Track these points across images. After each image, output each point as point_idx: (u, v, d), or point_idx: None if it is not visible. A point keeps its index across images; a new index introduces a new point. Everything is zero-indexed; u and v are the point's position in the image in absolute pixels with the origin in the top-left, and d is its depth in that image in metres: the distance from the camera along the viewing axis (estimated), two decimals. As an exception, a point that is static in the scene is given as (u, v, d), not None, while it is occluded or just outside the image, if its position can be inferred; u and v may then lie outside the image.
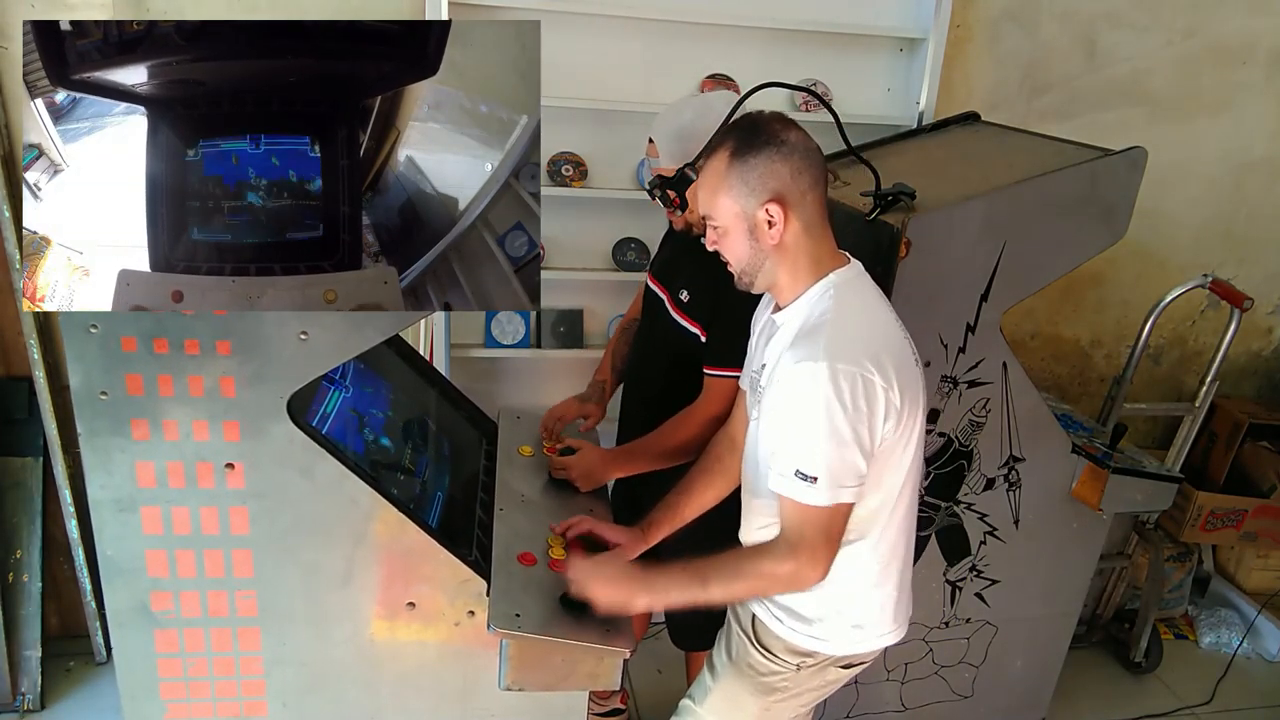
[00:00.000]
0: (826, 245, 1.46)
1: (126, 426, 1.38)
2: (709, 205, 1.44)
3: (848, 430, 1.34)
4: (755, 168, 1.38)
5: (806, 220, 1.41)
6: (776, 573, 1.42)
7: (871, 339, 1.41)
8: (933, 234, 1.89)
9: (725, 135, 1.42)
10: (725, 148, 1.40)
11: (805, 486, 1.36)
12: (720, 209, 1.42)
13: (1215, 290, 2.44)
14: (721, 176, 1.40)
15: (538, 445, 1.97)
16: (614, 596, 1.45)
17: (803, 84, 2.62)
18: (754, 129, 1.40)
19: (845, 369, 1.33)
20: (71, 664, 2.66)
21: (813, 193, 1.41)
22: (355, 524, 1.49)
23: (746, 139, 1.39)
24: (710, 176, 1.42)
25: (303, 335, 1.38)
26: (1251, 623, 3.19)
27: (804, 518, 1.39)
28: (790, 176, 1.38)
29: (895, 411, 1.38)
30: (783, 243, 1.41)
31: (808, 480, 1.35)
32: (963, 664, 2.43)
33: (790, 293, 1.46)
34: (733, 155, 1.39)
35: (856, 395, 1.33)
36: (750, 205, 1.39)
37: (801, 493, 1.36)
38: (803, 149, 1.40)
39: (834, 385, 1.32)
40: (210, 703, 1.56)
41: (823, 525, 1.39)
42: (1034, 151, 2.21)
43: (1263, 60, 3.04)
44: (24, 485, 2.50)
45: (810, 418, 1.34)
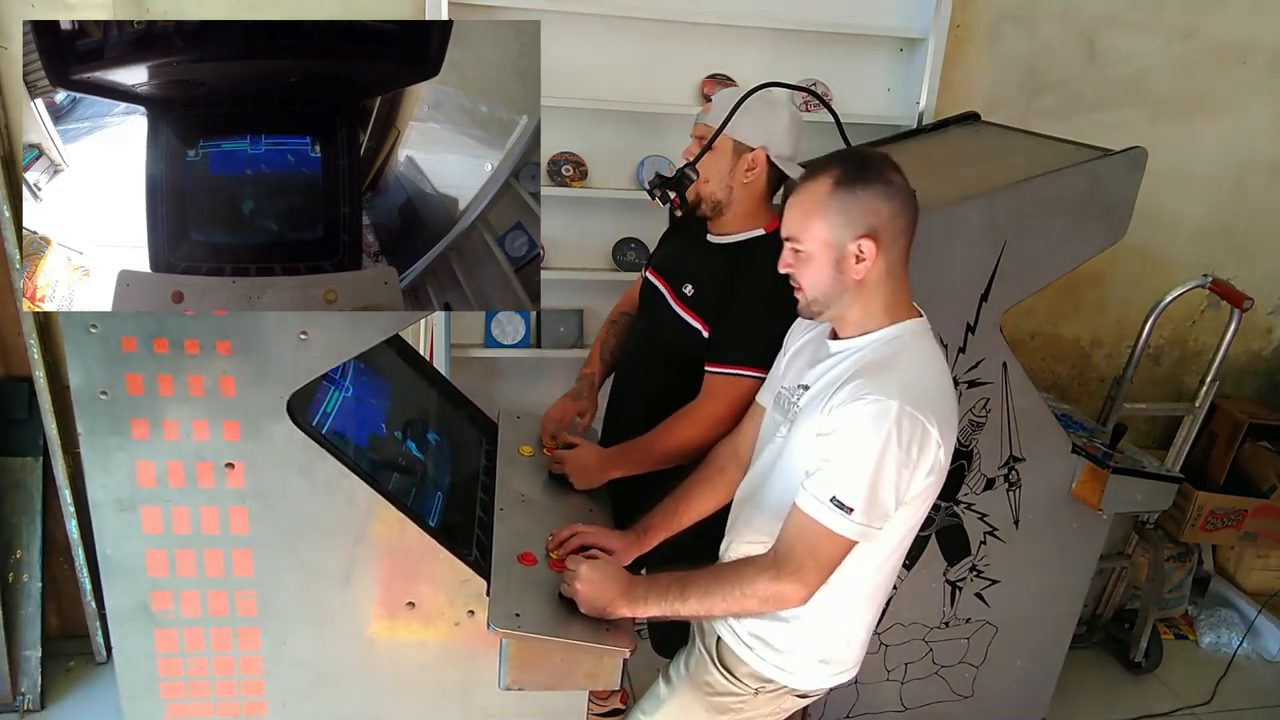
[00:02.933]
0: (903, 293, 1.46)
1: (126, 426, 1.38)
2: (799, 228, 1.42)
3: (894, 473, 1.34)
4: (860, 201, 1.37)
5: (891, 263, 1.41)
6: (765, 590, 1.40)
7: (936, 393, 1.41)
8: (933, 234, 1.89)
9: (831, 163, 1.41)
10: (831, 174, 1.39)
11: (837, 515, 1.34)
12: (811, 233, 1.40)
13: (1215, 290, 2.44)
14: (822, 202, 1.39)
15: (538, 445, 1.97)
16: (596, 599, 1.45)
17: (803, 84, 2.62)
18: (865, 163, 1.40)
19: (912, 413, 1.33)
20: (71, 664, 2.66)
21: (904, 239, 1.41)
22: (355, 524, 1.49)
23: (856, 171, 1.39)
24: (808, 200, 1.40)
25: (303, 335, 1.38)
26: (1251, 623, 3.19)
27: (817, 542, 1.37)
28: (889, 217, 1.38)
29: (939, 470, 1.39)
30: (865, 280, 1.41)
31: (842, 509, 1.34)
32: (963, 664, 2.43)
33: (857, 327, 1.46)
34: (838, 184, 1.38)
35: (913, 442, 1.34)
36: (844, 236, 1.38)
37: (830, 519, 1.35)
38: (905, 194, 1.41)
39: (898, 426, 1.32)
40: (210, 702, 1.56)
41: (828, 554, 1.38)
42: (1034, 151, 2.21)
43: (1263, 60, 3.04)
44: (24, 485, 2.50)
45: (865, 450, 1.33)
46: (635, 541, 1.67)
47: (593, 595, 1.45)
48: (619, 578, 1.49)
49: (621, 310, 2.22)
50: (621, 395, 2.14)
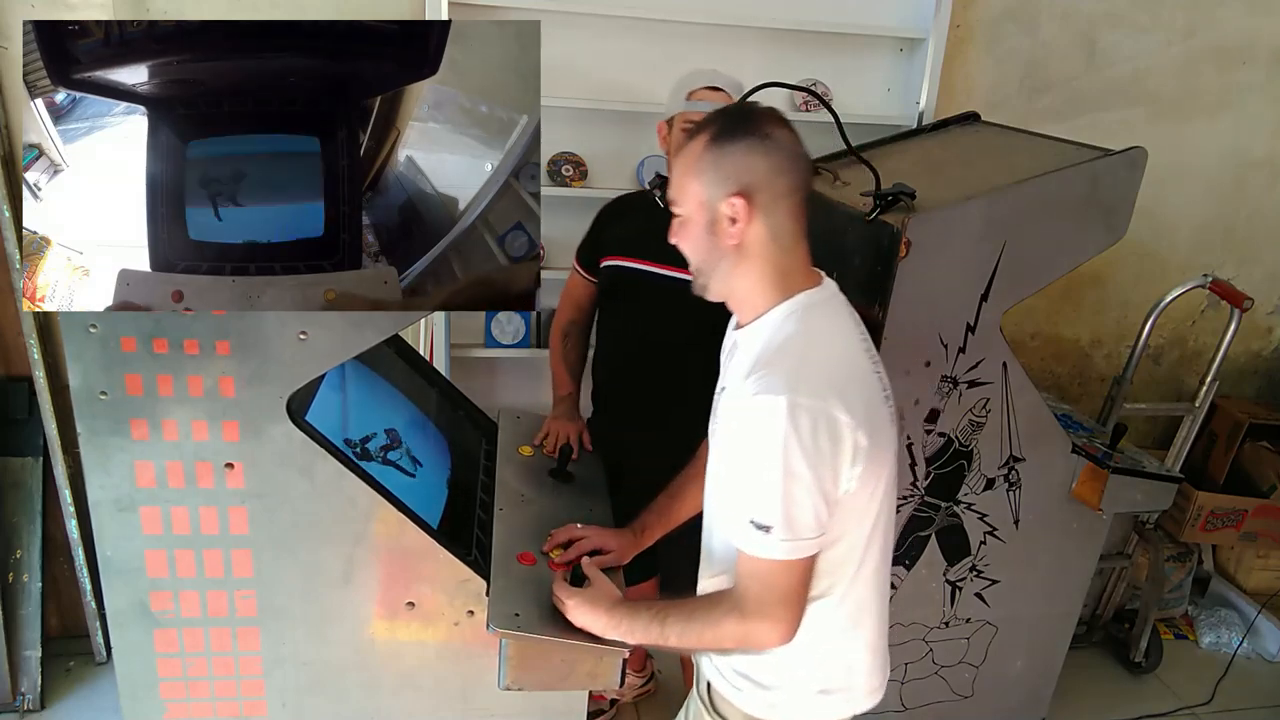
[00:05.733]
0: (798, 260, 1.31)
1: (126, 426, 1.38)
2: (677, 189, 1.30)
3: (808, 473, 1.18)
4: (730, 155, 1.24)
5: (776, 227, 1.26)
6: (735, 631, 1.27)
7: (838, 371, 1.26)
8: (933, 234, 1.89)
9: (710, 119, 1.29)
10: (707, 131, 1.27)
11: (760, 537, 1.21)
12: (686, 194, 1.28)
13: (1215, 290, 2.44)
14: (695, 159, 1.27)
15: (537, 445, 1.96)
16: (584, 624, 1.40)
17: (803, 84, 2.62)
18: (741, 117, 1.29)
19: (808, 404, 1.18)
20: (71, 664, 2.66)
21: (790, 199, 1.27)
22: (355, 524, 1.49)
23: (730, 125, 1.27)
24: (684, 158, 1.29)
25: (302, 335, 1.38)
26: (1251, 623, 3.18)
27: (758, 573, 1.24)
28: (766, 174, 1.24)
29: (863, 454, 1.23)
30: (742, 245, 1.26)
31: (762, 529, 1.20)
32: (963, 664, 2.43)
33: (750, 309, 1.32)
34: (712, 139, 1.26)
35: (819, 434, 1.18)
36: (715, 195, 1.25)
37: (756, 545, 1.22)
38: (789, 151, 1.26)
39: (793, 422, 1.17)
40: (210, 702, 1.56)
41: (779, 583, 1.24)
42: (1034, 151, 2.21)
43: (1263, 60, 3.04)
44: (24, 485, 2.50)
45: (766, 459, 1.19)
46: (633, 541, 1.65)
47: (580, 620, 1.41)
48: (605, 605, 1.40)
49: (570, 320, 2.19)
50: (627, 388, 2.12)
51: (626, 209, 2.14)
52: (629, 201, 2.17)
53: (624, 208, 2.15)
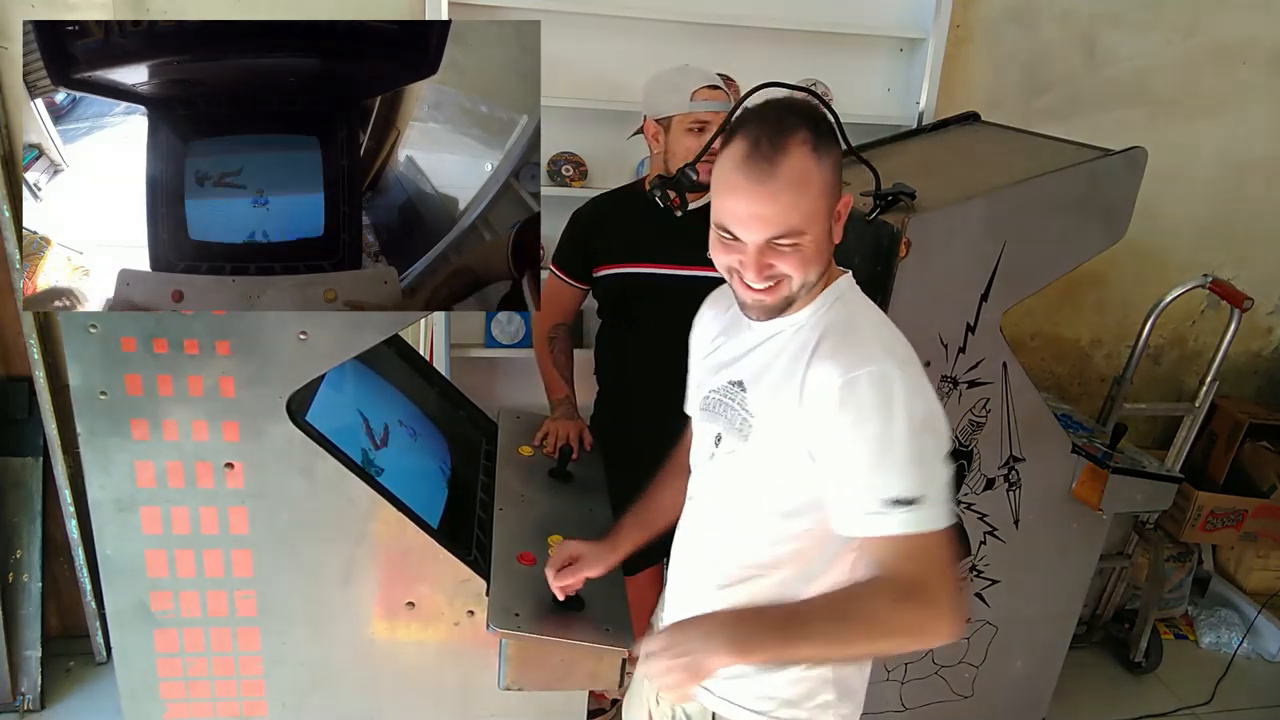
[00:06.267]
0: None
1: (126, 426, 1.38)
2: (801, 215, 1.12)
3: (943, 430, 1.12)
4: (832, 157, 1.15)
5: None
6: (901, 624, 1.11)
7: (902, 341, 1.21)
8: (933, 234, 1.89)
9: (791, 124, 1.13)
10: (803, 139, 1.12)
11: (906, 514, 1.09)
12: (813, 215, 1.13)
13: (1215, 290, 2.44)
14: (807, 174, 1.12)
15: (537, 445, 1.96)
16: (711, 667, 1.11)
17: (803, 84, 2.61)
18: (820, 116, 1.17)
19: (914, 369, 1.14)
20: (71, 664, 2.66)
21: None
22: (355, 524, 1.49)
23: (819, 129, 1.14)
24: (793, 176, 1.11)
25: (302, 335, 1.38)
26: (1251, 623, 3.18)
27: (915, 552, 1.10)
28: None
29: None
30: None
31: (905, 504, 1.09)
32: (963, 664, 2.43)
33: (795, 306, 1.22)
34: (814, 149, 1.12)
35: (930, 395, 1.14)
36: (831, 203, 1.16)
37: (906, 522, 1.09)
38: None
39: (909, 387, 1.11)
40: (210, 702, 1.56)
41: (943, 556, 1.11)
42: (1034, 151, 2.21)
43: (1263, 60, 3.04)
44: (24, 485, 2.50)
45: (892, 430, 1.10)
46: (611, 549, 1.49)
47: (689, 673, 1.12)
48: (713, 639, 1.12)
49: (556, 324, 2.16)
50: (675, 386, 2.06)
51: (611, 213, 2.10)
52: (611, 205, 2.12)
53: (607, 212, 2.10)
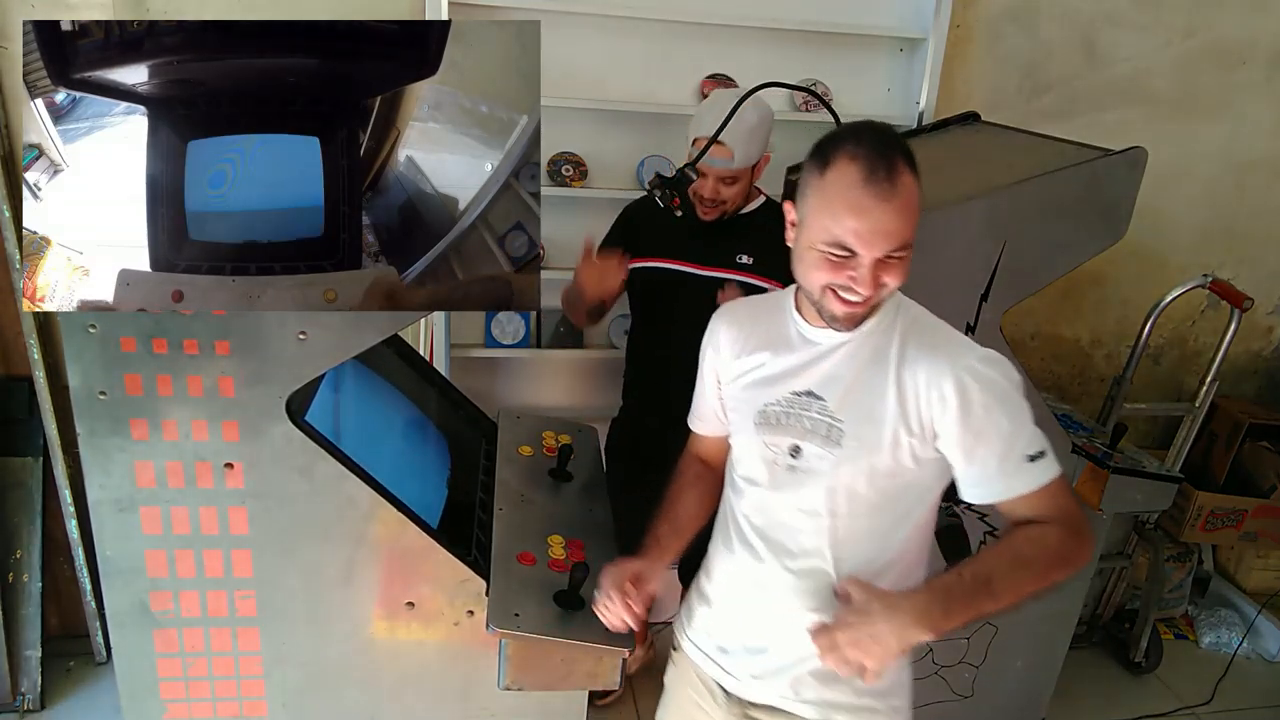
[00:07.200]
0: None
1: (126, 426, 1.38)
2: (913, 226, 1.24)
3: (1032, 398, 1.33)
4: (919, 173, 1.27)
5: None
6: (1071, 556, 1.33)
7: None
8: (933, 234, 1.88)
9: (895, 143, 1.24)
10: (905, 156, 1.23)
11: (1040, 467, 1.31)
12: (912, 231, 1.25)
13: (1215, 290, 2.44)
14: (917, 188, 1.24)
15: (538, 445, 1.96)
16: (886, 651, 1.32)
17: (803, 84, 2.62)
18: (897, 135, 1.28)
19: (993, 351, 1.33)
20: (71, 664, 2.66)
21: None
22: (355, 524, 1.49)
23: (909, 153, 1.24)
24: (907, 197, 1.22)
25: (302, 335, 1.38)
26: (1251, 623, 3.19)
27: (1058, 492, 1.33)
28: None
29: None
30: None
31: (1037, 459, 1.31)
32: (963, 664, 2.43)
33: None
34: (913, 171, 1.24)
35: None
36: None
37: (1042, 473, 1.31)
38: None
39: (1002, 365, 1.32)
40: (210, 702, 1.56)
41: (1071, 493, 1.35)
42: (1034, 151, 2.21)
43: (1263, 60, 3.04)
44: (24, 485, 2.50)
45: (1010, 401, 1.31)
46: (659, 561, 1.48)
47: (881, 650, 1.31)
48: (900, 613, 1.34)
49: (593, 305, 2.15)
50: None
51: (653, 212, 2.10)
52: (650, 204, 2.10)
53: (650, 211, 2.12)
